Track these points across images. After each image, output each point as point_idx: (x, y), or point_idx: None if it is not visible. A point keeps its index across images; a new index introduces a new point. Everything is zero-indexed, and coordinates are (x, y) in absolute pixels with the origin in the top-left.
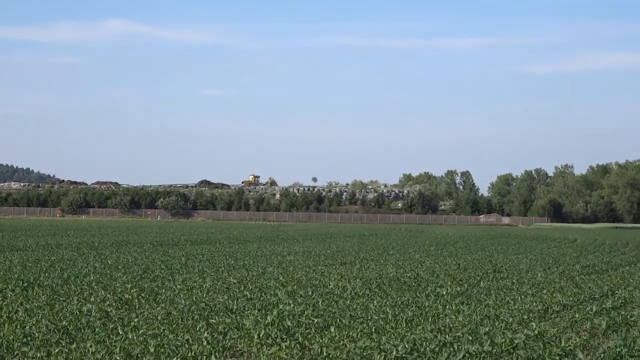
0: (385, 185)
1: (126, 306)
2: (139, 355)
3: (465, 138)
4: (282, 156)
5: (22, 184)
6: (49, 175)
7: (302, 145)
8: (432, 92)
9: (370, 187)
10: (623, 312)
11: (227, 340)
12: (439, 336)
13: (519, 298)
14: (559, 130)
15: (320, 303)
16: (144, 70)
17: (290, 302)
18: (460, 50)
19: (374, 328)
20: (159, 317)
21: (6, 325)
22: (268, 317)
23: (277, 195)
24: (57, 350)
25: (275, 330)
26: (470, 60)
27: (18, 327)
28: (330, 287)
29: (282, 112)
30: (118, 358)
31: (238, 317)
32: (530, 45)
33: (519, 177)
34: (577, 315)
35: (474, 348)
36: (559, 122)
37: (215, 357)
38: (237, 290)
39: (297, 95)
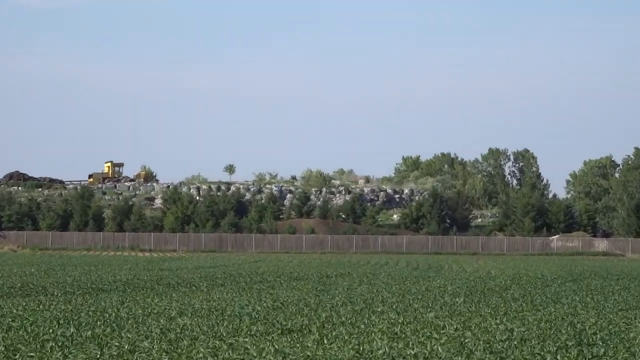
0: (368, 180)
1: None
2: None
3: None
4: (165, 130)
5: None
6: None
7: (200, 109)
8: None
9: (339, 183)
10: None
11: None
12: None
13: None
14: None
15: None
16: None
17: None
18: None
19: None
20: None
21: None
22: None
23: (158, 201)
24: None
25: None
26: None
27: None
28: None
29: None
30: None
31: None
32: None
33: (626, 162)
34: None
35: None
36: None
37: None
38: None
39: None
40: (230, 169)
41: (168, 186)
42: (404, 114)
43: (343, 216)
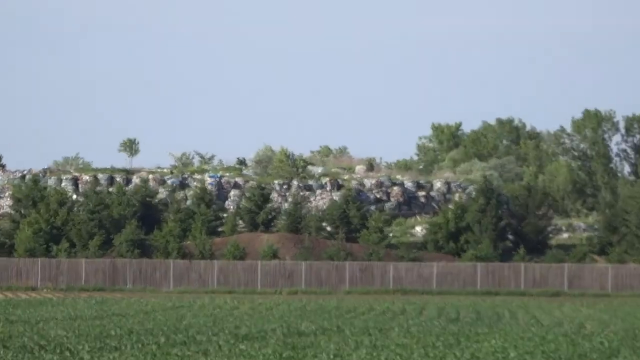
0: (371, 166)
1: None
2: None
3: None
4: (16, 82)
5: None
6: None
7: (74, 46)
8: None
9: (321, 171)
10: None
11: None
12: None
13: None
14: None
15: None
16: None
17: None
18: None
19: None
20: None
21: None
22: None
23: (5, 202)
24: None
25: None
26: None
27: None
28: None
29: None
30: None
31: None
32: None
33: None
34: None
35: None
36: None
37: None
38: None
39: None
40: (131, 146)
41: (22, 176)
42: (432, 53)
43: (328, 229)
